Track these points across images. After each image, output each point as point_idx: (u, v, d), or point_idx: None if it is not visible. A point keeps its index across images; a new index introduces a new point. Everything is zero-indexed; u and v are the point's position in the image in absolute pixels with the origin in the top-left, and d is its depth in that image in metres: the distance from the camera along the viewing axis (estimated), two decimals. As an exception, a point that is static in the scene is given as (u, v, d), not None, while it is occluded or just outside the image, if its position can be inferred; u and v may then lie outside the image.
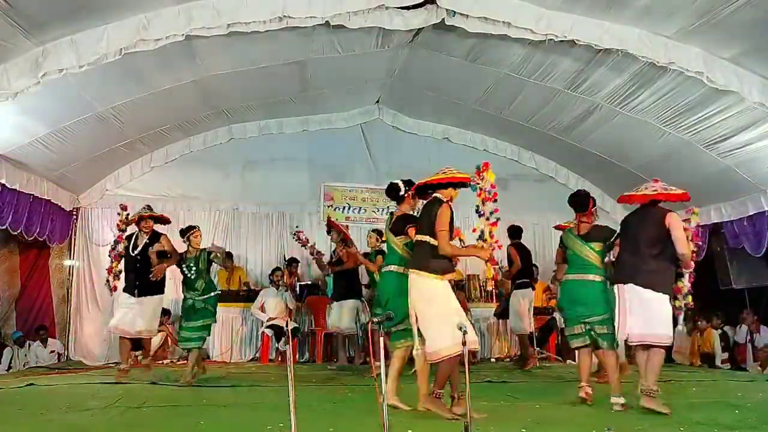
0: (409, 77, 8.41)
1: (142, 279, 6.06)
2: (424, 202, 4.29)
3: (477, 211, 4.15)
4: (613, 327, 4.32)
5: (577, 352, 4.77)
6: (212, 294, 6.12)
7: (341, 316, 7.18)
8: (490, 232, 4.05)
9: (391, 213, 4.61)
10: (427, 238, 3.98)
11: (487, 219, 4.08)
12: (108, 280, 6.37)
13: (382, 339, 3.04)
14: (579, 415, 4.09)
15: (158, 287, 6.21)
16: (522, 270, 7.23)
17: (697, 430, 3.56)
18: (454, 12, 5.80)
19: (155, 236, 6.19)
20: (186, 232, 6.15)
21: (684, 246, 4.17)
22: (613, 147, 8.36)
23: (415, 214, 4.57)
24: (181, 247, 6.24)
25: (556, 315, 8.37)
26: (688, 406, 4.46)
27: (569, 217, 5.19)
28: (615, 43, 5.79)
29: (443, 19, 5.90)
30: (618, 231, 4.56)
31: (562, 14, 5.69)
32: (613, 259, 4.72)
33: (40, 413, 4.06)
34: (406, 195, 4.45)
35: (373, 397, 3.45)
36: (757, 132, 6.46)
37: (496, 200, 4.12)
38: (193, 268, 6.03)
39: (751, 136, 6.58)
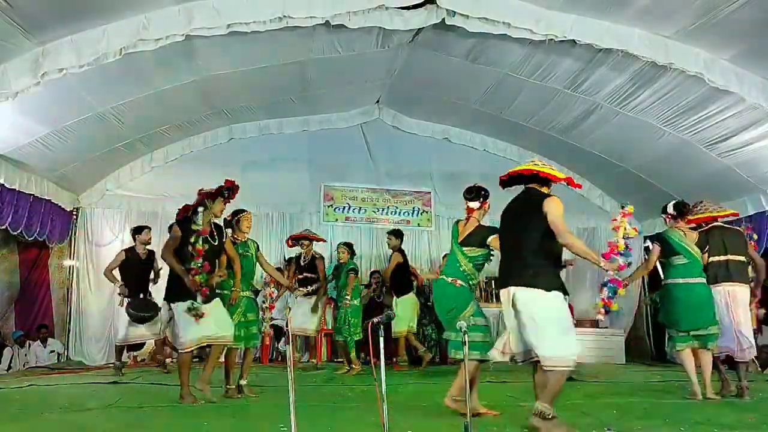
0: (409, 77, 8.40)
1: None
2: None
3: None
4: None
5: (682, 354, 4.94)
6: None
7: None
8: None
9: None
10: None
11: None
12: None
13: (381, 339, 3.03)
14: (579, 415, 4.09)
15: None
16: None
17: (697, 430, 3.56)
18: (454, 12, 5.80)
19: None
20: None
21: None
22: (613, 147, 8.37)
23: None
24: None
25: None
26: (687, 406, 4.48)
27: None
28: (615, 43, 5.80)
29: (443, 19, 5.90)
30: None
31: (562, 14, 5.69)
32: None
33: (40, 413, 4.06)
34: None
35: (373, 397, 3.45)
36: (757, 132, 6.47)
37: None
38: None
39: (751, 136, 6.58)
